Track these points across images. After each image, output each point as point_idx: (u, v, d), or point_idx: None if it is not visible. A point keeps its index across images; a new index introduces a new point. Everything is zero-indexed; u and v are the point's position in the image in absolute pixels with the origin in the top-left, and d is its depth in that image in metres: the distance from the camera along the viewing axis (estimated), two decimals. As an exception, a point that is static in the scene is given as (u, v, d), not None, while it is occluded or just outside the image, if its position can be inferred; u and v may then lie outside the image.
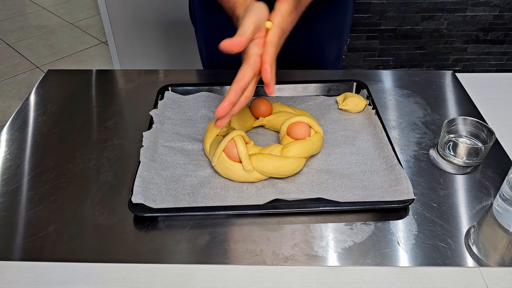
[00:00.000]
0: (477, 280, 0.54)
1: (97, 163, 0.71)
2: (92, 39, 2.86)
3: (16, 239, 0.59)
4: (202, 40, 1.03)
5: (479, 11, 2.00)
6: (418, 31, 2.07)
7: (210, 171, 0.67)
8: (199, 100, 0.82)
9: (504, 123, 0.79)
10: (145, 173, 0.64)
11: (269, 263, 0.56)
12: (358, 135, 0.74)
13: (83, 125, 0.80)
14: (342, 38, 1.03)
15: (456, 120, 0.72)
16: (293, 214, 0.61)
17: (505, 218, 0.59)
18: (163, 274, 0.55)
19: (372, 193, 0.63)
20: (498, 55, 2.16)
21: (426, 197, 0.64)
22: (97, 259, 0.56)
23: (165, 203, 0.61)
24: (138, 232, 0.60)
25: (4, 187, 0.66)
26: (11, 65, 2.57)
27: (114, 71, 0.97)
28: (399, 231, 0.59)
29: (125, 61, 2.27)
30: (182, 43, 2.14)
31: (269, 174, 0.64)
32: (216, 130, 0.70)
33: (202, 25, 0.99)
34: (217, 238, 0.59)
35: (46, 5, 3.30)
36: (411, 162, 0.70)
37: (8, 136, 0.77)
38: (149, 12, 2.06)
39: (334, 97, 0.83)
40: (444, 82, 0.91)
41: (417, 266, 0.55)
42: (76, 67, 2.56)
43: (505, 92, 0.89)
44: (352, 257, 0.56)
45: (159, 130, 0.74)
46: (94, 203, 0.64)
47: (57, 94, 0.89)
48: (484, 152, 0.68)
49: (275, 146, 0.68)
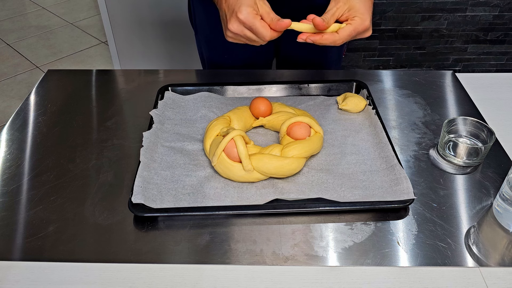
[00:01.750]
0: (477, 280, 0.54)
1: (97, 163, 0.71)
2: (92, 39, 2.85)
3: (16, 239, 0.59)
4: (203, 42, 1.03)
5: (479, 11, 2.00)
6: (418, 31, 2.07)
7: (210, 171, 0.67)
8: (199, 100, 0.82)
9: (504, 123, 0.79)
10: (145, 173, 0.64)
11: (269, 263, 0.55)
12: (358, 135, 0.74)
13: (83, 125, 0.80)
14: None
15: (456, 120, 0.72)
16: (293, 214, 0.61)
17: (505, 218, 0.59)
18: (163, 274, 0.55)
19: (372, 193, 0.63)
20: (498, 55, 2.15)
21: (426, 197, 0.64)
22: (97, 259, 0.56)
23: (165, 203, 0.61)
24: (138, 232, 0.60)
25: (4, 187, 0.66)
26: (11, 65, 2.57)
27: (114, 71, 0.97)
28: (399, 231, 0.59)
29: (125, 61, 2.26)
30: (182, 43, 2.14)
31: (269, 174, 0.64)
32: (216, 130, 0.70)
33: (203, 27, 0.99)
34: (217, 238, 0.59)
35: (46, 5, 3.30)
36: (411, 162, 0.70)
37: (8, 136, 0.77)
38: (149, 12, 2.06)
39: (334, 97, 0.83)
40: (444, 82, 0.91)
41: (417, 266, 0.55)
42: (76, 67, 2.56)
43: (505, 92, 0.89)
44: (352, 257, 0.56)
45: (159, 130, 0.74)
46: (94, 203, 0.64)
47: (57, 94, 0.89)
48: (484, 152, 0.68)
49: (275, 146, 0.68)
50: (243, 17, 0.61)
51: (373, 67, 2.18)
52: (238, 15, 0.62)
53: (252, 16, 0.61)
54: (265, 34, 0.62)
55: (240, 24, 0.62)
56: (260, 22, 0.62)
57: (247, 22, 0.62)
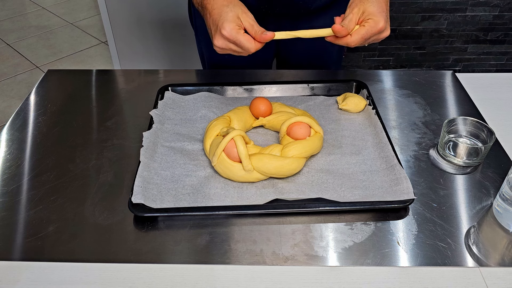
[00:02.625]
0: (477, 280, 0.54)
1: (97, 163, 0.71)
2: (92, 39, 2.85)
3: (16, 239, 0.59)
4: (203, 42, 1.03)
5: (479, 11, 2.00)
6: (418, 31, 2.07)
7: (210, 171, 0.67)
8: (199, 100, 0.82)
9: (504, 123, 0.79)
10: (145, 173, 0.64)
11: (269, 263, 0.56)
12: (358, 135, 0.74)
13: (83, 125, 0.80)
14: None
15: (456, 120, 0.72)
16: (293, 214, 0.61)
17: (505, 218, 0.59)
18: (163, 274, 0.55)
19: (372, 193, 0.63)
20: (498, 55, 2.15)
21: (426, 197, 0.64)
22: (97, 259, 0.56)
23: (165, 203, 0.61)
24: (138, 232, 0.60)
25: (4, 187, 0.66)
26: (11, 65, 2.57)
27: (114, 71, 0.97)
28: (399, 231, 0.59)
29: (125, 61, 2.26)
30: (182, 43, 2.14)
31: (269, 174, 0.64)
32: (216, 130, 0.70)
33: (203, 28, 0.99)
34: (217, 238, 0.59)
35: (46, 5, 3.30)
36: (411, 162, 0.70)
37: (8, 136, 0.77)
38: (149, 12, 2.06)
39: (334, 97, 0.83)
40: (444, 82, 0.91)
41: (417, 266, 0.55)
42: (76, 67, 2.56)
43: (505, 92, 0.89)
44: (352, 257, 0.56)
45: (159, 130, 0.74)
46: (94, 203, 0.64)
47: (57, 94, 0.89)
48: (484, 152, 0.68)
49: (275, 146, 0.68)
50: (226, 33, 0.64)
51: (373, 67, 2.18)
52: (222, 32, 0.64)
53: (235, 31, 0.64)
54: (249, 47, 0.65)
55: (224, 40, 0.65)
56: (243, 36, 0.64)
57: (231, 38, 0.64)
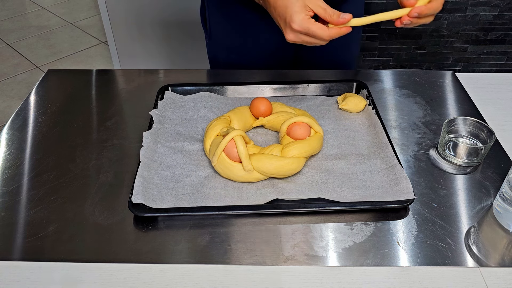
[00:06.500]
0: (477, 280, 0.54)
1: (97, 163, 0.71)
2: (92, 39, 2.85)
3: (16, 239, 0.59)
4: (220, 46, 0.99)
5: (479, 11, 2.00)
6: (418, 31, 2.07)
7: (210, 171, 0.67)
8: (199, 100, 0.82)
9: (504, 123, 0.79)
10: (145, 173, 0.64)
11: (269, 263, 0.55)
12: (358, 135, 0.74)
13: (83, 125, 0.80)
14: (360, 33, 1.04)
15: (456, 120, 0.72)
16: (293, 214, 0.61)
17: (505, 218, 0.59)
18: (163, 274, 0.55)
19: (372, 193, 0.63)
20: (498, 55, 2.15)
21: (426, 197, 0.64)
22: (97, 259, 0.56)
23: (165, 203, 0.61)
24: (138, 232, 0.60)
25: (4, 187, 0.66)
26: (11, 65, 2.57)
27: (114, 71, 0.97)
28: (399, 231, 0.59)
29: (125, 61, 2.26)
30: (182, 43, 2.14)
31: (269, 174, 0.64)
32: (216, 130, 0.70)
33: (219, 31, 0.97)
34: (217, 238, 0.59)
35: (46, 5, 3.30)
36: (411, 162, 0.70)
37: (8, 136, 0.77)
38: (149, 12, 2.06)
39: (334, 97, 0.83)
40: (444, 82, 0.91)
41: (417, 266, 0.55)
42: (76, 67, 2.56)
43: (505, 92, 0.89)
44: (352, 257, 0.56)
45: (159, 130, 0.74)
46: (94, 203, 0.64)
47: (57, 94, 0.89)
48: (484, 152, 0.68)
49: (275, 146, 0.68)
50: (297, 27, 0.61)
51: (373, 67, 2.18)
52: (292, 25, 0.61)
53: (306, 22, 0.61)
54: (323, 35, 0.61)
55: (295, 33, 0.62)
56: (314, 25, 0.61)
57: (302, 29, 0.61)
